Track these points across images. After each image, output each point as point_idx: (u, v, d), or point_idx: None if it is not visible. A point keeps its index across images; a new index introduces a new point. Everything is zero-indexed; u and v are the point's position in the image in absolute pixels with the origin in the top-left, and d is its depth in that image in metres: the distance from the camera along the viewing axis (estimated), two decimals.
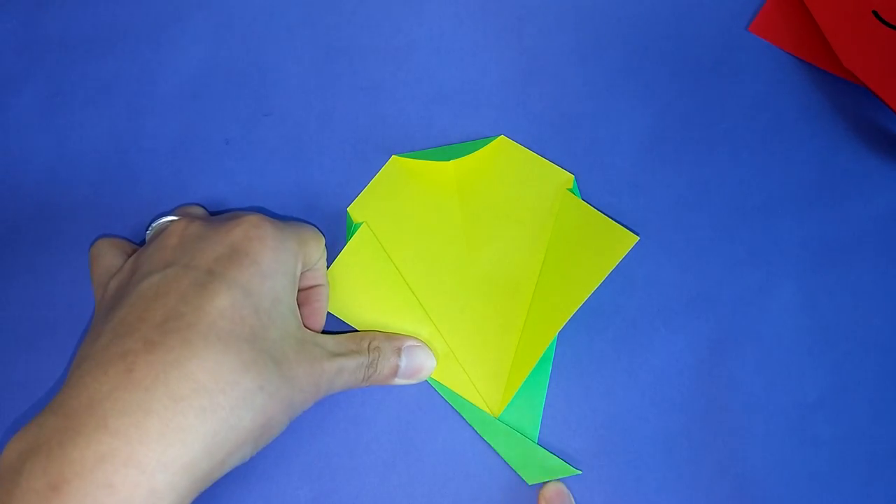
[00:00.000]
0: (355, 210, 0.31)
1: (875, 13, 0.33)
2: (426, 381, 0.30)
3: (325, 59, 0.34)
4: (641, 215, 0.32)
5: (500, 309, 0.30)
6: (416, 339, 0.29)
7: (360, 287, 0.30)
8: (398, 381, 0.29)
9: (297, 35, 0.35)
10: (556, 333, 0.29)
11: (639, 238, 0.29)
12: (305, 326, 0.27)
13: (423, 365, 0.29)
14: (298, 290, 0.27)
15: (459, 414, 0.30)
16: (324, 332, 0.29)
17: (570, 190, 0.31)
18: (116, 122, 0.33)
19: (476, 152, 0.32)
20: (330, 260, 0.30)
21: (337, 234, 0.32)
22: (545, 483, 0.29)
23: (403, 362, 0.28)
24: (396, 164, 0.32)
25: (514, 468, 0.29)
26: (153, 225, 0.28)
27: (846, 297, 0.31)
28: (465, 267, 0.31)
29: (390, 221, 0.31)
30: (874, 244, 0.32)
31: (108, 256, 0.28)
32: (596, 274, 0.28)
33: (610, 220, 0.30)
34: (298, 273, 0.26)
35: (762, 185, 0.32)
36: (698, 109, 0.33)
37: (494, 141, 0.32)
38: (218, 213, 0.32)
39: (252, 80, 0.34)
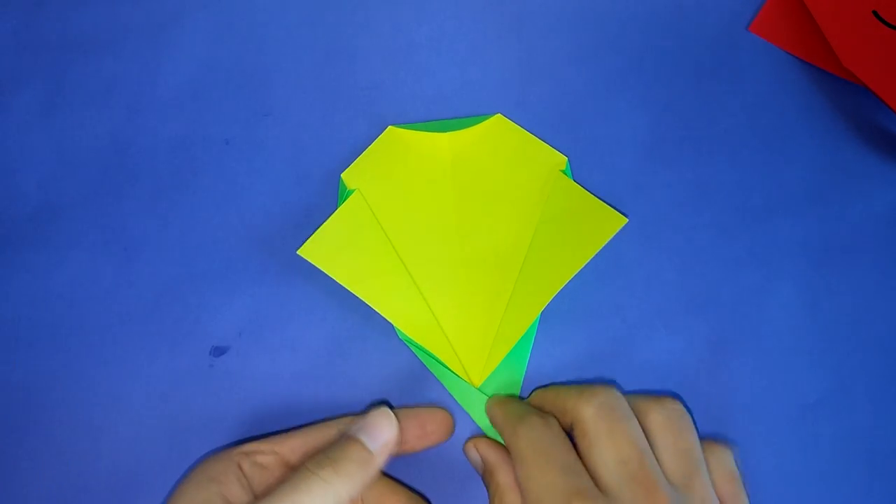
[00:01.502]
0: (349, 176, 0.31)
1: (875, 13, 0.33)
2: (412, 351, 0.30)
3: (325, 59, 0.34)
4: (641, 215, 0.32)
5: (487, 283, 0.30)
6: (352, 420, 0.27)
7: (348, 252, 0.30)
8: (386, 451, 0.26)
9: (297, 35, 0.35)
10: (541, 311, 0.29)
11: (627, 220, 0.29)
12: None
13: (386, 428, 0.26)
14: None
15: (459, 407, 0.30)
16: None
17: (563, 171, 0.31)
18: (116, 122, 0.33)
19: (472, 128, 0.32)
20: (319, 224, 0.30)
21: (331, 206, 0.32)
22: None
23: (367, 440, 0.26)
24: (392, 135, 0.32)
25: (490, 437, 0.29)
26: None
27: (846, 297, 0.31)
28: (454, 239, 0.31)
29: (383, 190, 0.31)
30: (874, 244, 0.32)
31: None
32: (582, 254, 0.29)
33: (599, 200, 0.30)
34: None
35: (762, 185, 0.32)
36: (698, 109, 0.33)
37: (491, 118, 0.32)
38: (218, 228, 0.32)
39: (252, 80, 0.34)
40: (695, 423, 0.26)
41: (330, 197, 0.32)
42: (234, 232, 0.32)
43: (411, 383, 0.30)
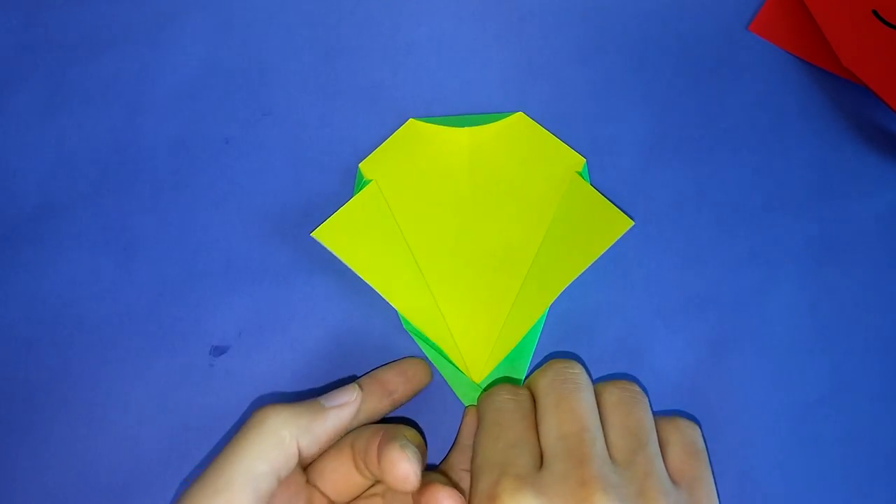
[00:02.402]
0: (367, 167, 0.32)
1: (875, 13, 0.33)
2: (414, 346, 0.30)
3: (325, 59, 0.34)
4: (641, 215, 0.32)
5: (495, 281, 0.30)
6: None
7: (360, 240, 0.30)
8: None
9: (297, 35, 0.35)
10: (544, 311, 0.29)
11: (633, 223, 0.29)
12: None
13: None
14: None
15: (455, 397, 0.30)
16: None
17: (580, 173, 0.31)
18: (116, 122, 0.33)
19: (492, 124, 0.32)
20: (319, 223, 0.30)
21: (330, 204, 0.32)
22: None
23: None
24: (412, 127, 0.32)
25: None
26: None
27: (847, 296, 0.31)
28: (466, 235, 0.31)
29: (399, 181, 0.31)
30: (874, 243, 0.32)
31: None
32: (587, 255, 0.29)
33: (608, 201, 0.30)
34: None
35: (762, 185, 0.32)
36: (698, 109, 0.33)
37: (512, 116, 0.32)
38: (215, 214, 0.32)
39: (252, 80, 0.34)
40: (704, 426, 0.26)
41: (329, 196, 0.32)
42: (234, 232, 0.32)
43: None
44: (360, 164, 0.32)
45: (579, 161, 0.32)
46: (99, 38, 0.35)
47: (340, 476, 0.26)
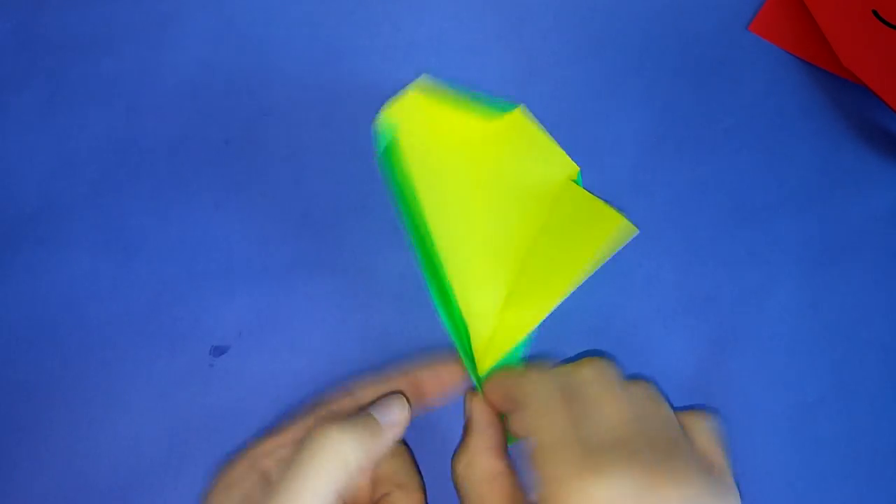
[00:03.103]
0: (390, 116, 0.30)
1: (875, 13, 0.33)
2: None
3: (325, 59, 0.34)
4: (641, 215, 0.32)
5: (496, 270, 0.30)
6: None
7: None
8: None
9: (297, 35, 0.35)
10: (544, 318, 0.29)
11: (637, 230, 0.29)
12: None
13: (396, 407, 0.27)
14: None
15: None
16: None
17: (574, 181, 0.31)
18: (116, 122, 0.33)
19: (494, 120, 0.31)
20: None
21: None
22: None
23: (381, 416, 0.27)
24: (424, 89, 0.30)
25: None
26: None
27: (846, 297, 0.31)
28: (472, 221, 0.30)
29: (417, 149, 0.30)
30: (874, 243, 0.32)
31: None
32: (590, 259, 0.28)
33: (611, 208, 0.29)
34: None
35: (762, 185, 0.32)
36: (698, 109, 0.33)
37: (514, 111, 0.32)
38: (213, 216, 0.32)
39: (252, 80, 0.34)
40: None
41: (329, 196, 0.32)
42: (234, 232, 0.32)
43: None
44: (379, 115, 0.30)
45: (574, 169, 0.32)
46: (99, 38, 0.35)
47: (361, 495, 0.27)
